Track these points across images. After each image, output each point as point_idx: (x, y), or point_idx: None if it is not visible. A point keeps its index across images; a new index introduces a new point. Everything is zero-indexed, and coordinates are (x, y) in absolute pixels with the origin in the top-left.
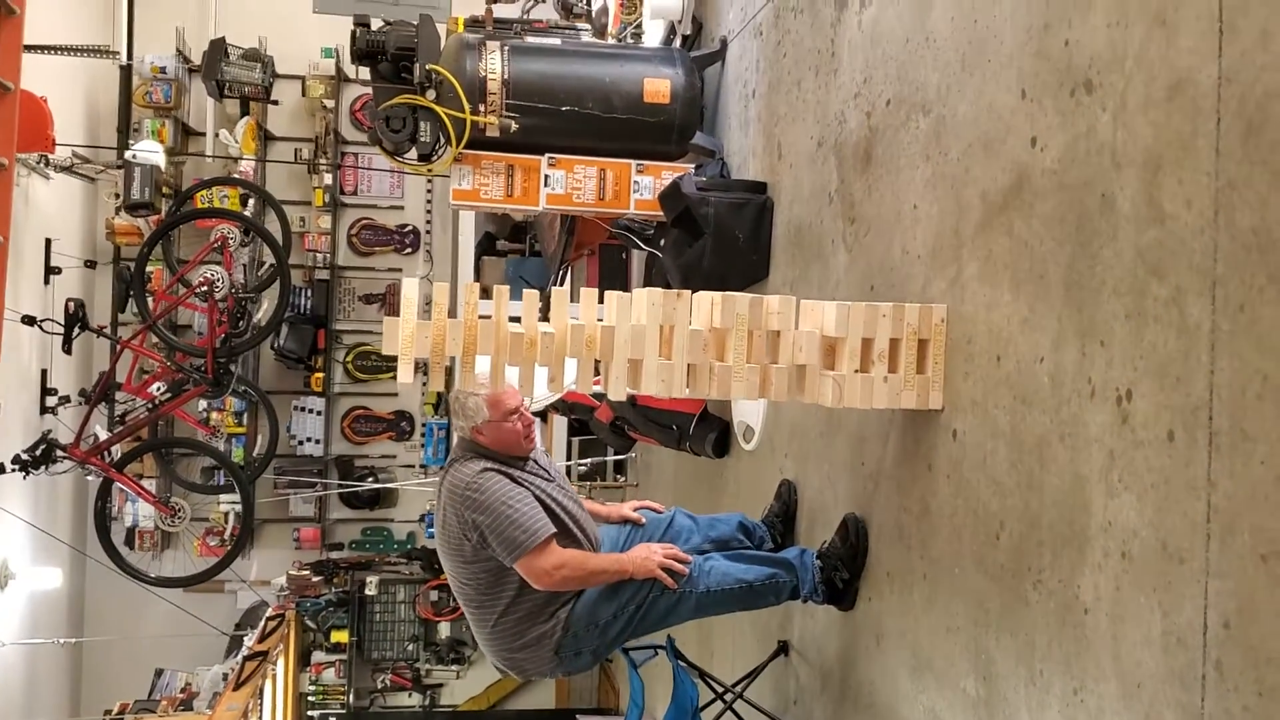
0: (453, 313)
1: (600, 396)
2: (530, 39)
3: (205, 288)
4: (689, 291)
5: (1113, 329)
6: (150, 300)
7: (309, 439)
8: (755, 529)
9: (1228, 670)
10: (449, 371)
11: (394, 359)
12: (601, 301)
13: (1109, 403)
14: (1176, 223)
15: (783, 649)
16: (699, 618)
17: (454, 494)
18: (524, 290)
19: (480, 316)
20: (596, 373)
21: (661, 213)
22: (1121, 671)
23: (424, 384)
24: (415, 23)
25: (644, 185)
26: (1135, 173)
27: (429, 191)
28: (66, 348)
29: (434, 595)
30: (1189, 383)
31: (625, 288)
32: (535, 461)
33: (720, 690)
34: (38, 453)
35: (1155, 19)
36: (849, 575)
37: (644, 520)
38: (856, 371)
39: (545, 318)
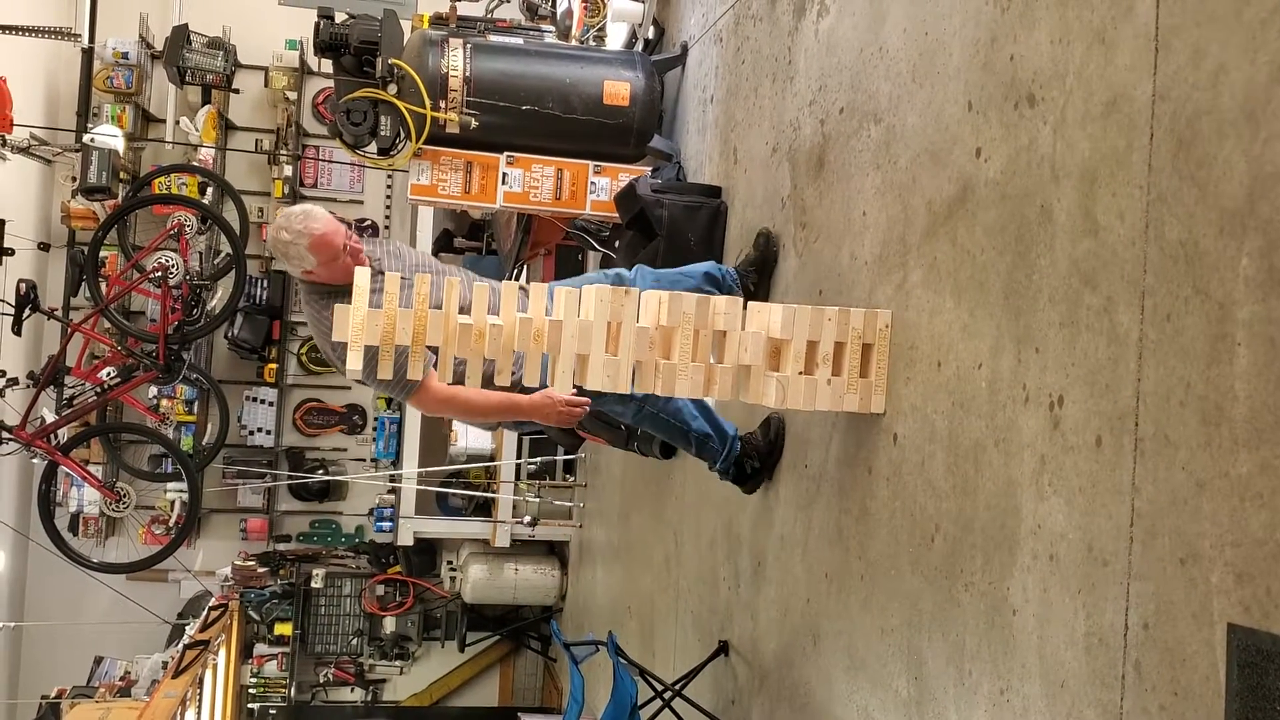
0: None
1: None
2: (493, 38)
3: (159, 274)
4: (637, 289)
5: (1047, 337)
6: (103, 285)
7: (260, 429)
8: (725, 276)
9: (1146, 670)
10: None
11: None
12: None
13: (1042, 409)
14: (1110, 234)
15: (723, 649)
16: (637, 424)
17: (326, 338)
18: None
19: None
20: None
21: (617, 214)
22: (1046, 671)
23: None
24: (379, 17)
25: (601, 186)
26: (1073, 185)
27: (388, 187)
28: (16, 329)
29: (380, 590)
30: (1117, 390)
31: None
32: (383, 256)
33: (660, 689)
34: None
35: (1096, 36)
36: (759, 465)
37: None
38: (800, 373)
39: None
